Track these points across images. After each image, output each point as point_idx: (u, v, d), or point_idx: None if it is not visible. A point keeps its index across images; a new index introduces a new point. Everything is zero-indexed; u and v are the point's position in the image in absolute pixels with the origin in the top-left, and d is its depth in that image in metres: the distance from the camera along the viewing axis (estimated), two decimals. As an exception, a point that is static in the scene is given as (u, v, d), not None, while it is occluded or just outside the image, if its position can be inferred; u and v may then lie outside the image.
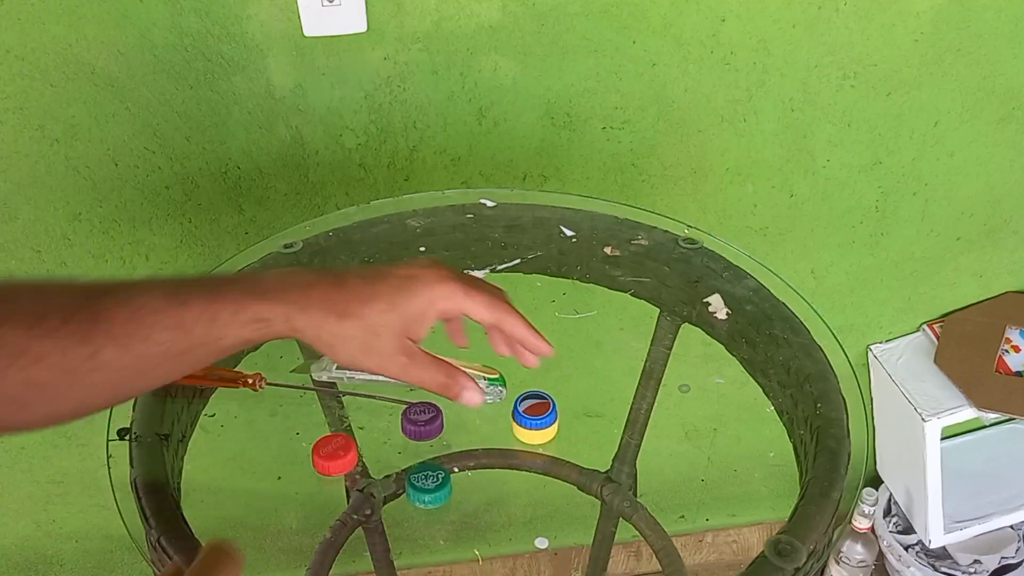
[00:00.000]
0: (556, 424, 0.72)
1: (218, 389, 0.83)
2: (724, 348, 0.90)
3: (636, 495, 1.16)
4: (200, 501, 0.74)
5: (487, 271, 0.96)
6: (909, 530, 1.53)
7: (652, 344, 1.03)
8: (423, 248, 0.94)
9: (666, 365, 1.04)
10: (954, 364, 1.36)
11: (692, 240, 0.94)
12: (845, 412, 0.76)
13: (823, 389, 0.78)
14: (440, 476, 0.85)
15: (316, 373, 0.90)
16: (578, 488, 1.18)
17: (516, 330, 0.65)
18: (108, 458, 0.72)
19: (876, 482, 1.58)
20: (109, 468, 0.71)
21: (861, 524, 1.43)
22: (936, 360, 1.38)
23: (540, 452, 1.21)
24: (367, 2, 0.99)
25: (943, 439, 1.37)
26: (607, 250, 0.95)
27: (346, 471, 0.79)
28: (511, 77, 1.08)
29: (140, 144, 1.05)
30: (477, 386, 0.65)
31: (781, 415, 0.83)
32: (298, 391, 0.88)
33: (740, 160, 1.20)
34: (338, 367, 0.90)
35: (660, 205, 1.21)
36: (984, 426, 1.56)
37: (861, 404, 0.77)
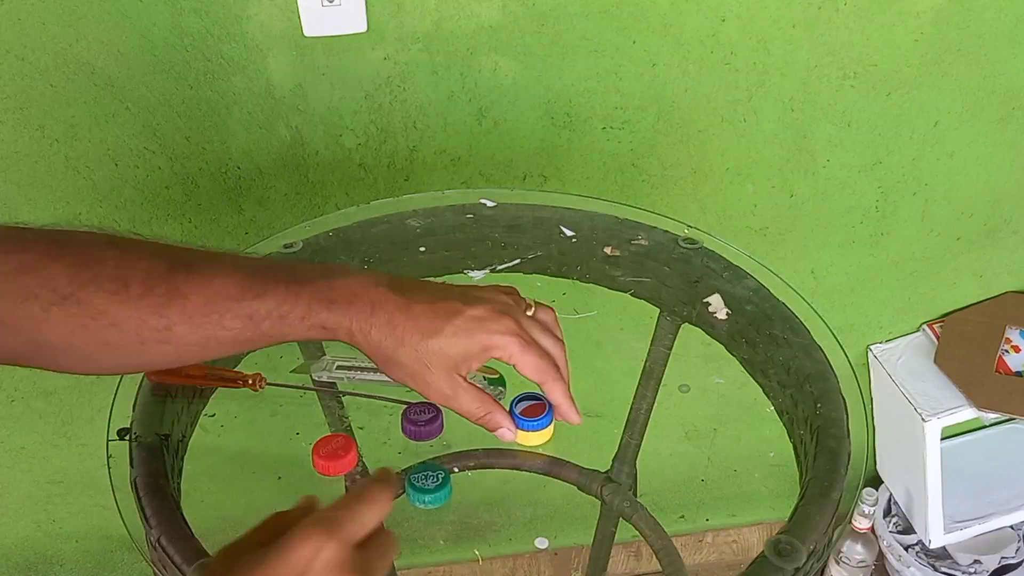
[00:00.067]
0: (552, 425, 0.72)
1: (218, 389, 0.83)
2: (724, 348, 0.90)
3: (636, 495, 1.16)
4: (200, 501, 0.74)
5: (487, 271, 0.96)
6: (909, 530, 1.53)
7: (652, 344, 1.03)
8: (423, 248, 0.94)
9: (666, 365, 1.04)
10: (954, 364, 1.36)
11: (692, 240, 0.94)
12: (845, 412, 0.76)
13: (823, 389, 0.78)
14: (440, 476, 0.85)
15: (316, 373, 0.90)
16: (578, 488, 1.18)
17: (555, 397, 0.68)
18: (108, 458, 0.72)
19: (876, 482, 1.58)
20: (109, 468, 0.71)
21: (861, 524, 1.43)
22: (936, 360, 1.38)
23: (540, 452, 1.21)
24: (367, 2, 0.99)
25: (943, 439, 1.37)
26: (607, 250, 0.95)
27: (346, 471, 0.78)
28: (511, 77, 1.08)
29: (140, 144, 1.05)
30: (513, 426, 0.68)
31: (781, 415, 0.83)
32: (298, 391, 0.88)
33: (740, 160, 1.20)
34: (339, 367, 0.90)
35: (660, 205, 1.21)
36: (984, 426, 1.56)
37: (861, 404, 0.77)
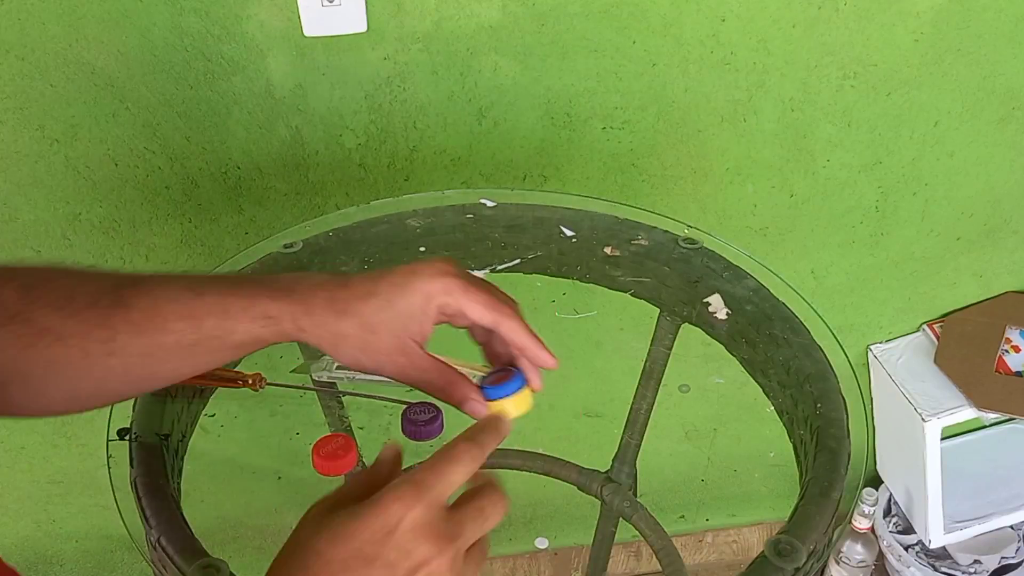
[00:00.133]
0: (527, 390, 0.62)
1: (218, 389, 0.83)
2: (724, 348, 0.90)
3: (636, 495, 1.16)
4: (200, 501, 0.74)
5: (487, 271, 0.96)
6: (909, 530, 1.53)
7: (652, 344, 1.03)
8: (423, 248, 0.94)
9: (666, 365, 1.04)
10: (954, 364, 1.36)
11: (692, 240, 0.94)
12: (845, 412, 0.76)
13: (823, 389, 0.78)
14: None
15: (316, 373, 0.90)
16: (578, 488, 1.18)
17: (516, 336, 0.60)
18: (108, 458, 0.72)
19: (876, 482, 1.58)
20: (109, 468, 0.71)
21: (861, 524, 1.43)
22: (936, 360, 1.38)
23: (540, 452, 1.21)
24: (367, 2, 0.99)
25: (943, 439, 1.37)
26: (607, 250, 0.95)
27: (346, 471, 0.78)
28: (511, 77, 1.08)
29: (140, 144, 1.05)
30: (480, 397, 0.61)
31: (781, 415, 0.83)
32: (298, 391, 0.88)
33: (740, 160, 1.20)
34: (338, 367, 0.90)
35: (660, 205, 1.21)
36: (984, 426, 1.56)
37: (861, 404, 0.77)
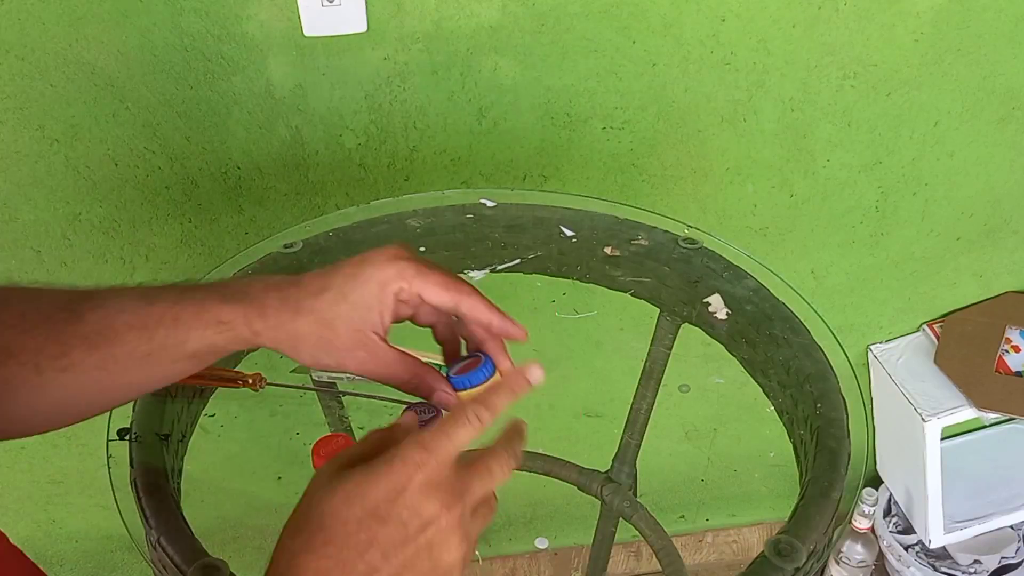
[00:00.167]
0: (497, 376, 0.60)
1: (218, 389, 0.83)
2: (724, 348, 0.90)
3: (636, 495, 1.16)
4: (200, 501, 0.74)
5: (487, 271, 0.96)
6: (909, 530, 1.53)
7: (652, 344, 1.03)
8: (423, 248, 0.94)
9: (666, 365, 1.04)
10: (954, 364, 1.36)
11: (692, 240, 0.94)
12: (845, 412, 0.76)
13: (823, 389, 0.78)
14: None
15: (316, 373, 0.90)
16: (578, 488, 1.18)
17: (479, 312, 0.58)
18: (108, 458, 0.72)
19: (876, 482, 1.58)
20: (109, 468, 0.71)
21: (861, 524, 1.43)
22: (936, 360, 1.38)
23: (540, 452, 1.21)
24: (367, 2, 0.99)
25: (943, 439, 1.37)
26: (607, 250, 0.95)
27: (346, 471, 0.78)
28: (511, 77, 1.08)
29: (140, 144, 1.05)
30: (449, 387, 0.59)
31: (781, 415, 0.83)
32: (298, 391, 0.88)
33: (740, 160, 1.20)
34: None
35: (660, 205, 1.21)
36: (984, 426, 1.56)
37: (861, 404, 0.77)
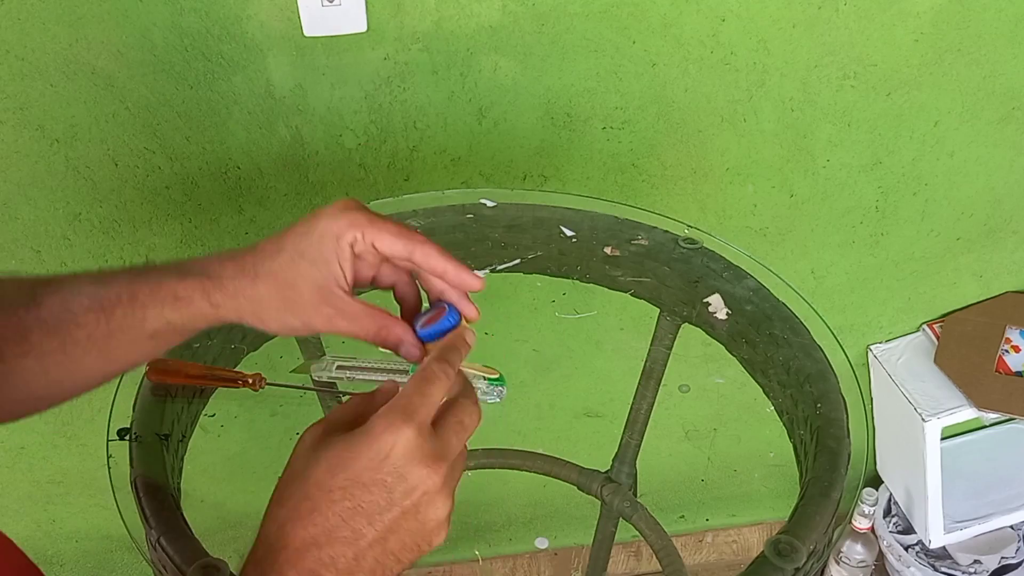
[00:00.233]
0: (464, 325, 0.58)
1: (218, 389, 0.83)
2: (724, 348, 0.90)
3: (636, 495, 1.16)
4: (200, 501, 0.74)
5: (487, 271, 0.96)
6: (909, 530, 1.53)
7: (652, 344, 1.03)
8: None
9: (666, 365, 1.04)
10: (954, 364, 1.36)
11: (692, 240, 0.94)
12: (845, 412, 0.76)
13: (823, 389, 0.79)
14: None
15: (316, 373, 0.90)
16: (578, 488, 1.18)
17: (433, 261, 0.56)
18: (108, 458, 0.72)
19: (876, 482, 1.58)
20: (109, 468, 0.71)
21: (861, 524, 1.43)
22: (936, 360, 1.38)
23: (540, 452, 1.21)
24: (367, 2, 0.99)
25: (943, 439, 1.37)
26: (607, 250, 0.95)
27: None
28: (511, 77, 1.08)
29: (140, 144, 1.05)
30: (415, 340, 0.57)
31: (781, 415, 0.83)
32: (298, 391, 0.88)
33: (740, 160, 1.20)
34: (338, 367, 0.90)
35: (660, 205, 1.21)
36: (984, 426, 1.56)
37: (861, 404, 0.77)
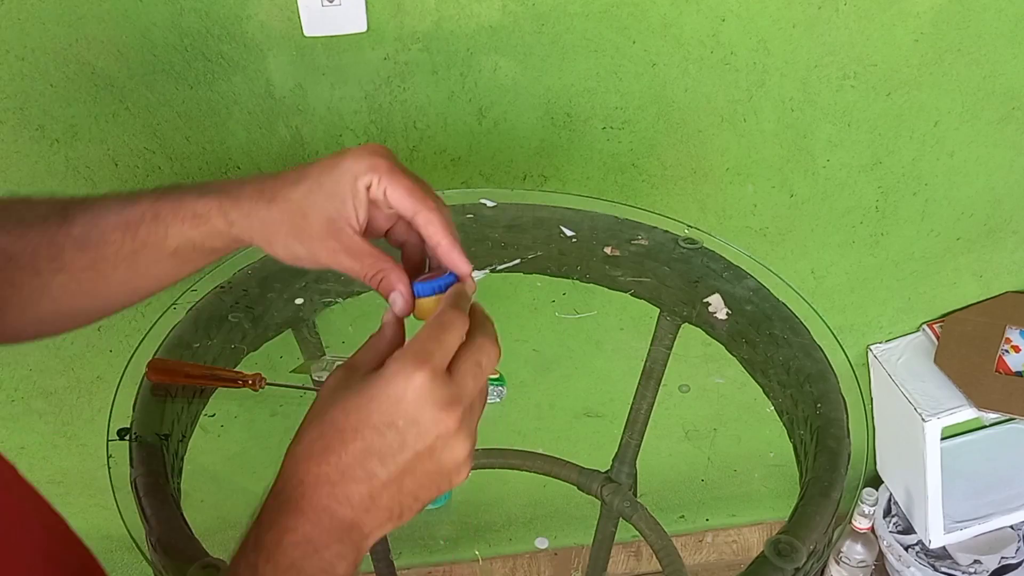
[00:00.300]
0: (460, 287, 0.56)
1: (218, 389, 0.83)
2: (724, 348, 0.90)
3: (636, 495, 1.16)
4: (200, 501, 0.74)
5: (487, 271, 0.96)
6: (909, 530, 1.53)
7: (652, 344, 1.03)
8: (423, 248, 0.94)
9: (666, 365, 1.04)
10: (954, 364, 1.36)
11: (692, 240, 0.94)
12: (845, 412, 0.76)
13: (823, 389, 0.79)
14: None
15: (316, 373, 0.90)
16: (578, 488, 1.18)
17: (432, 229, 0.56)
18: (108, 458, 0.72)
19: (876, 482, 1.58)
20: (109, 468, 0.71)
21: (861, 524, 1.43)
22: (936, 360, 1.38)
23: (540, 452, 1.21)
24: (367, 2, 0.99)
25: (943, 439, 1.37)
26: (607, 250, 0.95)
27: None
28: (511, 77, 1.08)
29: (140, 144, 1.05)
30: (407, 290, 0.55)
31: (781, 415, 0.83)
32: (298, 391, 0.88)
33: (740, 160, 1.20)
34: (338, 367, 0.90)
35: (660, 205, 1.21)
36: (984, 426, 1.56)
37: (861, 404, 0.77)
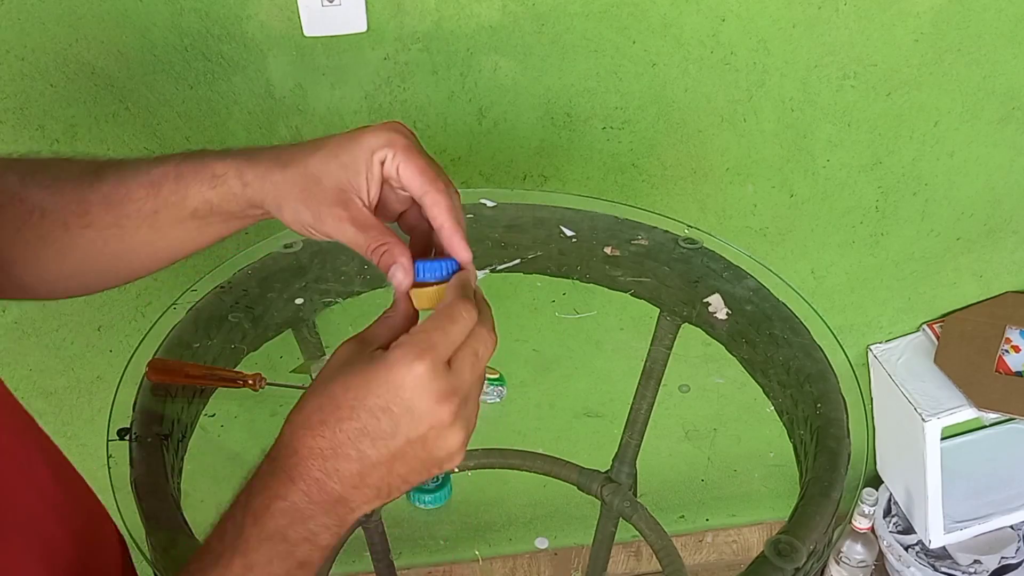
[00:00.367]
0: (465, 277, 0.55)
1: (218, 389, 0.83)
2: (724, 348, 0.90)
3: (636, 495, 1.16)
4: (200, 501, 0.74)
5: (487, 271, 0.96)
6: (909, 530, 1.53)
7: (652, 344, 1.03)
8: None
9: (666, 365, 1.04)
10: (954, 364, 1.36)
11: (692, 240, 0.94)
12: (845, 412, 0.76)
13: (823, 389, 0.79)
14: (440, 476, 0.84)
15: (316, 373, 0.90)
16: (578, 488, 1.18)
17: (437, 212, 0.55)
18: (108, 458, 0.72)
19: (876, 482, 1.58)
20: (109, 468, 0.71)
21: (861, 524, 1.43)
22: (936, 360, 1.38)
23: (540, 452, 1.21)
24: (367, 2, 0.99)
25: (943, 439, 1.37)
26: (607, 250, 0.95)
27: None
28: (511, 77, 1.08)
29: (140, 144, 1.05)
30: (409, 265, 0.54)
31: (781, 415, 0.83)
32: (298, 391, 0.88)
33: (740, 160, 1.20)
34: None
35: (660, 205, 1.21)
36: (984, 426, 1.56)
37: (861, 404, 0.77)
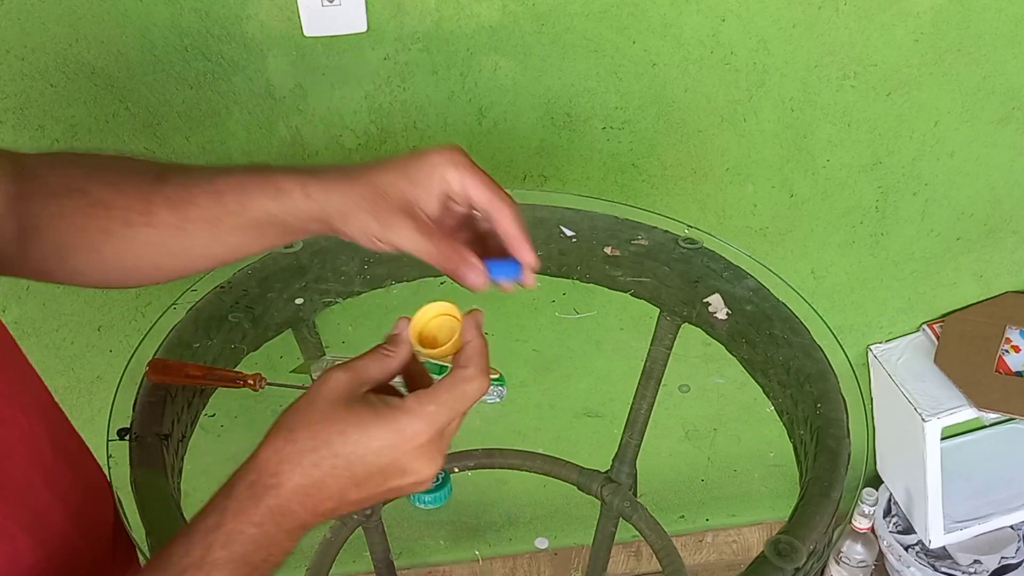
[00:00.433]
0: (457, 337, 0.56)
1: (218, 389, 0.83)
2: (724, 348, 0.90)
3: (636, 495, 1.16)
4: (200, 501, 0.74)
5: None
6: (909, 530, 1.53)
7: (652, 344, 1.03)
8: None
9: (666, 365, 1.04)
10: (954, 364, 1.36)
11: (692, 240, 0.94)
12: (845, 412, 0.76)
13: (823, 389, 0.79)
14: (440, 476, 0.84)
15: (316, 373, 0.90)
16: (578, 488, 1.18)
17: (505, 222, 0.60)
18: (108, 458, 0.72)
19: (876, 482, 1.58)
20: (109, 468, 0.71)
21: (861, 524, 1.43)
22: (936, 360, 1.38)
23: (540, 452, 1.21)
24: (367, 2, 0.99)
25: (943, 439, 1.37)
26: (607, 250, 0.95)
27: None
28: (511, 77, 1.08)
29: (140, 144, 1.05)
30: (482, 269, 0.59)
31: (781, 415, 0.83)
32: (298, 391, 0.88)
33: (740, 160, 1.20)
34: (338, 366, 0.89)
35: (660, 205, 1.21)
36: (984, 426, 1.56)
37: (861, 404, 0.77)
